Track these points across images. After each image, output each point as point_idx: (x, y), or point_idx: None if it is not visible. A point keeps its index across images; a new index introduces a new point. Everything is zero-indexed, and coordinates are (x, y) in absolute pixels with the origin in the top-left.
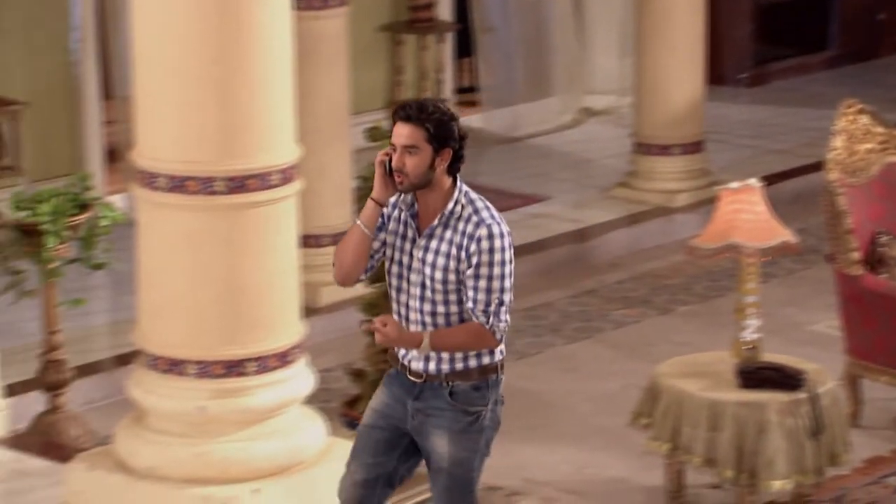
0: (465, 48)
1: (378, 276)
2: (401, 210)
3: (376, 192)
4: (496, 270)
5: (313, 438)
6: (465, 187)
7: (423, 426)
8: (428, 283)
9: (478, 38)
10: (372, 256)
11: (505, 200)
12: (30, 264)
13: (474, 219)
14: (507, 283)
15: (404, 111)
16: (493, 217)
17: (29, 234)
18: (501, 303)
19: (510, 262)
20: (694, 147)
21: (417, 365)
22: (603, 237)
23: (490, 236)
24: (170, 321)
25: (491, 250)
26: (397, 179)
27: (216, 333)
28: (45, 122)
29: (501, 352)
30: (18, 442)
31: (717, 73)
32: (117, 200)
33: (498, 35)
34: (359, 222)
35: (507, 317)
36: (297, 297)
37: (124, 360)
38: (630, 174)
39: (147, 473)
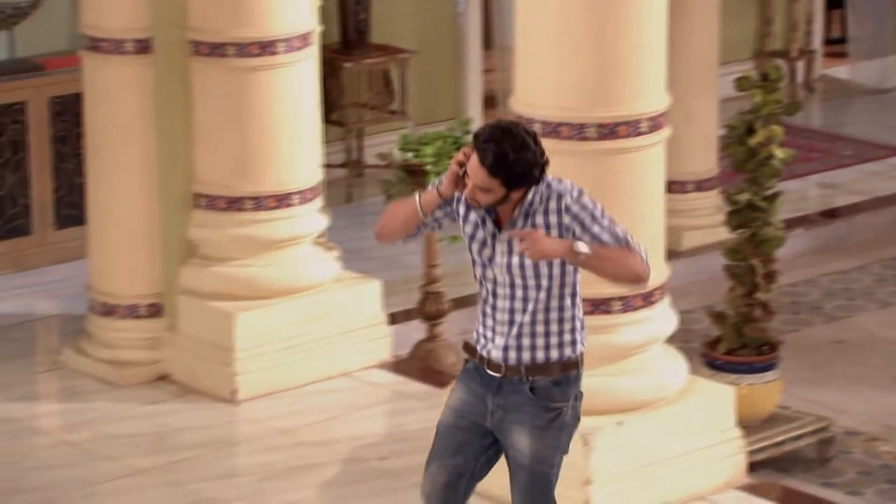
0: None
1: (741, 223)
2: None
3: (445, 186)
4: (605, 220)
5: (674, 376)
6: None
7: (503, 422)
8: (517, 271)
9: None
10: (418, 229)
11: (871, 151)
12: None
13: (554, 196)
14: (617, 221)
15: (483, 154)
16: (566, 183)
17: (413, 174)
18: (627, 232)
19: (598, 205)
20: None
21: (497, 354)
22: None
23: (577, 198)
24: None
25: (584, 206)
26: (470, 201)
27: (583, 273)
28: (431, 69)
29: (582, 344)
30: (400, 366)
31: None
32: None
33: None
34: (416, 200)
35: (642, 247)
36: (661, 241)
37: None
38: None
39: None
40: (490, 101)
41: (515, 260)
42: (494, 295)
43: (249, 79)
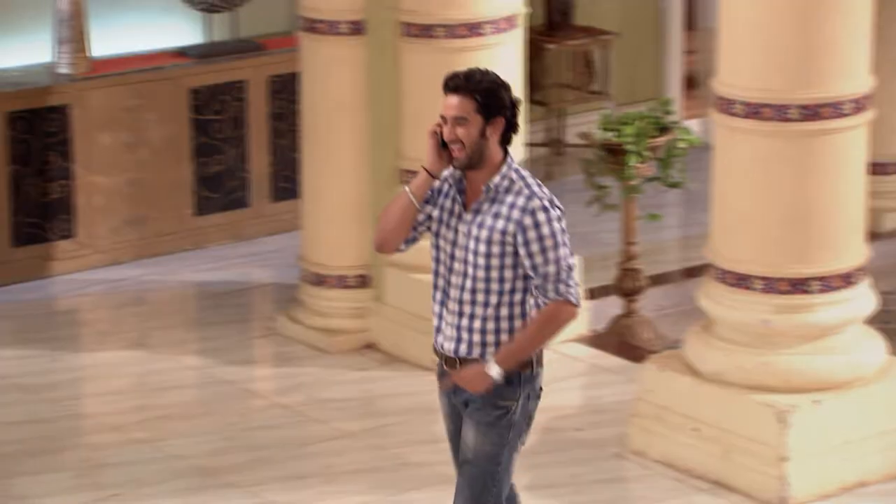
0: None
1: None
2: (450, 185)
3: (430, 163)
4: (559, 238)
5: (873, 357)
6: (514, 163)
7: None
8: (471, 258)
9: None
10: (415, 228)
11: None
12: (613, 181)
13: (525, 192)
14: (569, 250)
15: (452, 82)
16: (543, 191)
17: (613, 153)
18: (570, 268)
19: (566, 231)
20: None
21: (449, 346)
22: None
23: (545, 209)
24: (739, 239)
25: (549, 220)
26: (454, 151)
27: (783, 252)
28: (632, 50)
29: None
30: (597, 340)
31: None
32: (693, 125)
33: None
34: (407, 190)
35: (577, 279)
36: (862, 222)
37: (693, 272)
38: None
39: (713, 378)
40: (691, 82)
41: (472, 245)
42: (448, 283)
43: (457, 59)
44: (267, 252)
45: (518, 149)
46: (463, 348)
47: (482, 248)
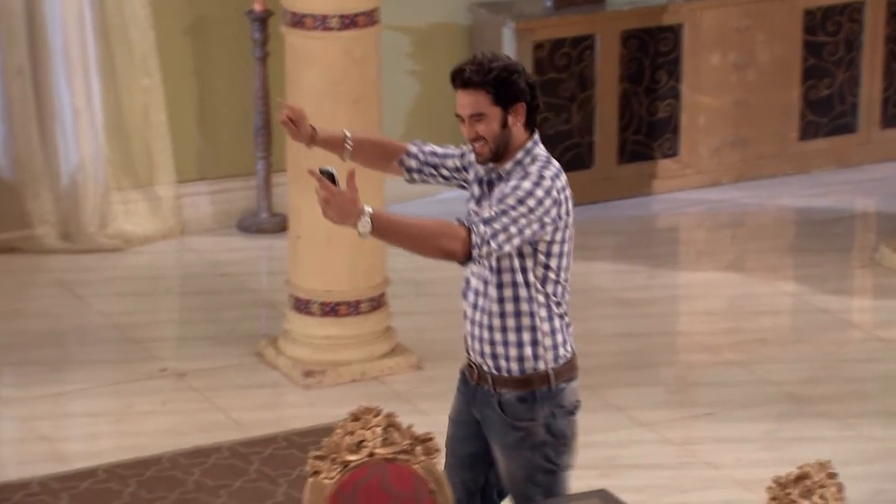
0: None
1: None
2: (479, 174)
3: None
4: (520, 209)
5: None
6: (536, 146)
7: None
8: None
9: None
10: (435, 167)
11: None
12: None
13: (521, 173)
14: (522, 225)
15: (459, 77)
16: (540, 172)
17: None
18: (505, 228)
19: (536, 215)
20: None
21: (471, 348)
22: None
23: (522, 178)
24: None
25: (516, 188)
26: (477, 148)
27: None
28: None
29: (556, 358)
30: None
31: None
32: None
33: None
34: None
35: (503, 245)
36: None
37: None
38: None
39: None
40: None
41: None
42: (468, 279)
43: None
44: (873, 180)
45: None
46: (477, 354)
47: None
